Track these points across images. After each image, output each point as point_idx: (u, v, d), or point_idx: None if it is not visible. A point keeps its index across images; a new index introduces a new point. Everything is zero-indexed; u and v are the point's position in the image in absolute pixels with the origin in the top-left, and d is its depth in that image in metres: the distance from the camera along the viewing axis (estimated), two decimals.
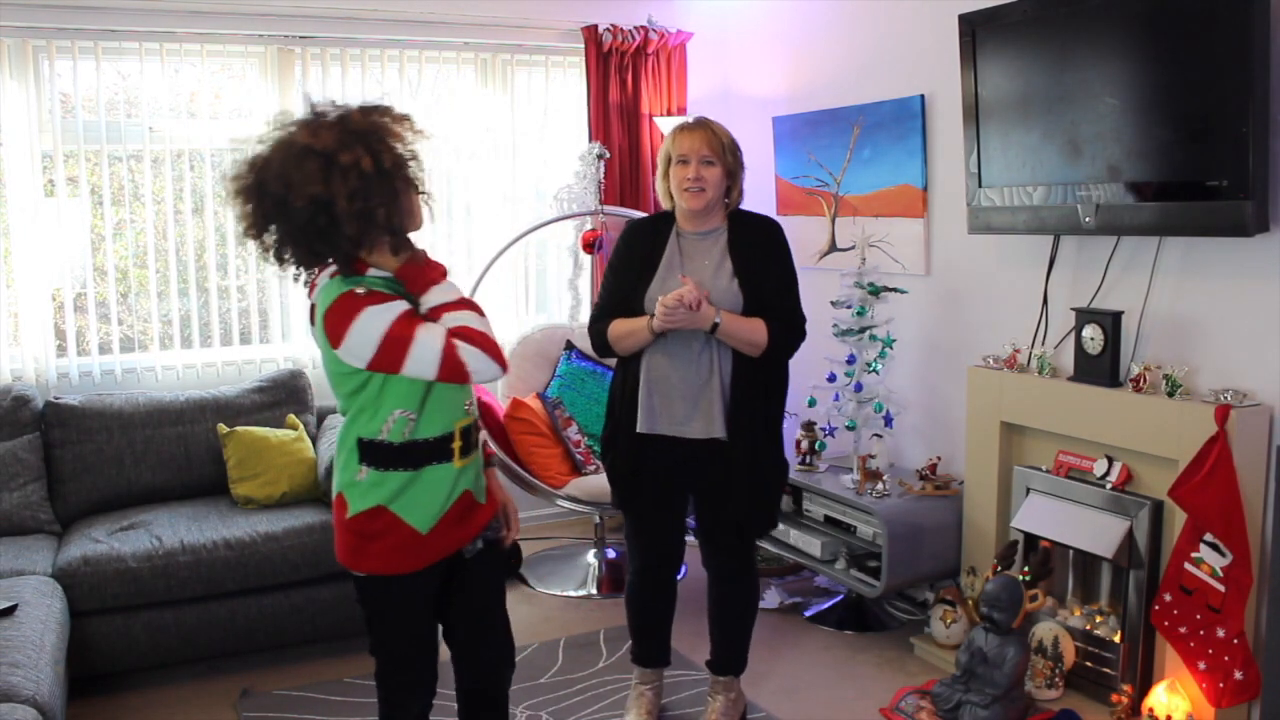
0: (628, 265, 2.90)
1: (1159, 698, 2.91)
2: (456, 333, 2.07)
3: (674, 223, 2.91)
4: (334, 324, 2.06)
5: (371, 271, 2.12)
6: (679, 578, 3.18)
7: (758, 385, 2.83)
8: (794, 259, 2.91)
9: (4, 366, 3.99)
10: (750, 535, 3.00)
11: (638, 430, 2.85)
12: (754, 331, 2.77)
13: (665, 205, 2.94)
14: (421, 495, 2.12)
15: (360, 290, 2.08)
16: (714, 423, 2.80)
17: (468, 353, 2.06)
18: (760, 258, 2.84)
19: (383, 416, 2.10)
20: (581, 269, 4.70)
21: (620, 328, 2.85)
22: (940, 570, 3.66)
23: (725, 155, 2.81)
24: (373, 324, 2.03)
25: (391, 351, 2.03)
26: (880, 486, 3.64)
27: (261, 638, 3.41)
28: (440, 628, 2.35)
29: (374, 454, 2.11)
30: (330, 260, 2.10)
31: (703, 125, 2.85)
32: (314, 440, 3.95)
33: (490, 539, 2.30)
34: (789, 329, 2.83)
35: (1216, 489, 2.78)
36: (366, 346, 2.03)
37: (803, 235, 4.47)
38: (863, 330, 3.78)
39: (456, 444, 2.14)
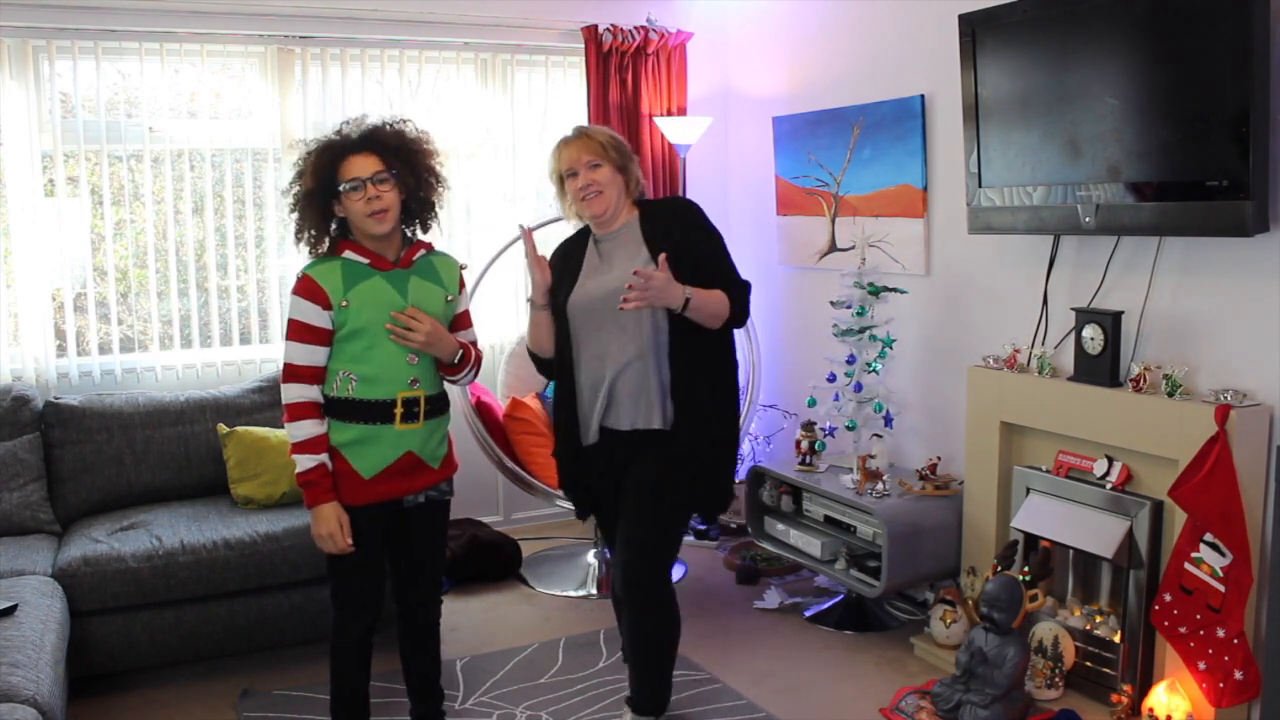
0: (557, 280, 2.88)
1: (1159, 698, 2.91)
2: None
3: (591, 231, 2.92)
4: None
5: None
6: (676, 579, 3.18)
7: (700, 371, 2.78)
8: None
9: (4, 366, 3.99)
10: (652, 548, 2.80)
11: (584, 445, 2.84)
12: (719, 303, 2.75)
13: (574, 223, 2.95)
14: (367, 448, 2.57)
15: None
16: (654, 412, 2.77)
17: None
18: (679, 238, 2.78)
19: (334, 374, 2.57)
20: None
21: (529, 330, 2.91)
22: (940, 570, 3.66)
23: (609, 153, 2.80)
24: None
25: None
26: (880, 486, 3.64)
27: (261, 638, 3.41)
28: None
29: (331, 406, 2.58)
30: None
31: (576, 135, 2.85)
32: None
33: (435, 498, 2.72)
34: (742, 294, 2.81)
35: (1216, 489, 2.78)
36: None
37: (803, 235, 4.48)
38: (863, 330, 3.78)
39: (398, 410, 2.56)
